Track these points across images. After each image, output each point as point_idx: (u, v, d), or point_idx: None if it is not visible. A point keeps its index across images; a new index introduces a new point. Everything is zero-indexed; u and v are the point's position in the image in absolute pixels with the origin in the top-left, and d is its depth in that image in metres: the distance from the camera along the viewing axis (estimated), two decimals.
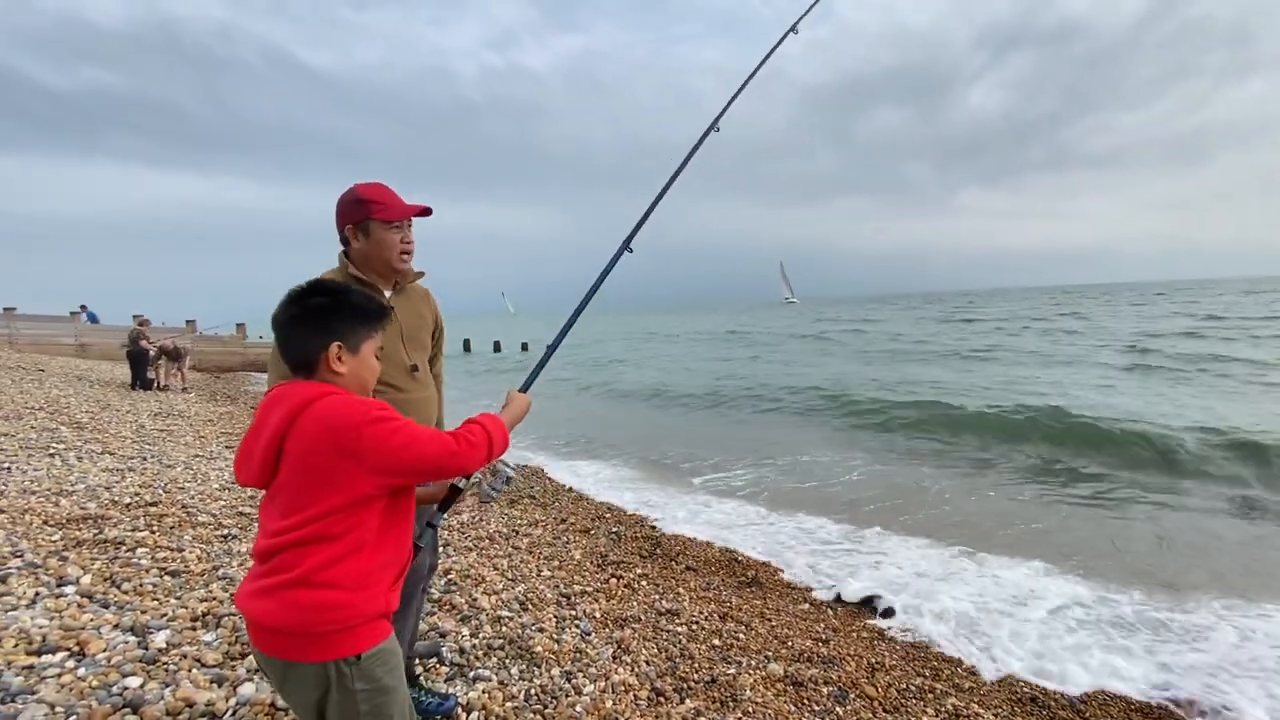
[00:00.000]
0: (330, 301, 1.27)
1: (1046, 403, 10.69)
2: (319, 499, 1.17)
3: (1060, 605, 4.02)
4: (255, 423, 1.24)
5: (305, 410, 1.18)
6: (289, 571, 1.16)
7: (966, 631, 3.71)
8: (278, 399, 1.23)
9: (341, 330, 1.26)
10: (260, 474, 1.22)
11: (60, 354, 19.07)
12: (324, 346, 1.24)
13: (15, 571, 2.87)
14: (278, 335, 1.28)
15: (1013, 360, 18.64)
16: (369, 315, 1.31)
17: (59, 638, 2.33)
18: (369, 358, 1.32)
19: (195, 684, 2.17)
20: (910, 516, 5.88)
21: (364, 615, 1.20)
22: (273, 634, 1.18)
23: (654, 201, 2.28)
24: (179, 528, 3.92)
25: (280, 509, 1.21)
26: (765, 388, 14.76)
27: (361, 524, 1.20)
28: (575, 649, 2.90)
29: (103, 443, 6.61)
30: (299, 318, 1.26)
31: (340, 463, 1.16)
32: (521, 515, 5.65)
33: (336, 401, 1.20)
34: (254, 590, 1.19)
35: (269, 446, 1.19)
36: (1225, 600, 4.06)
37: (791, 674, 2.90)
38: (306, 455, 1.17)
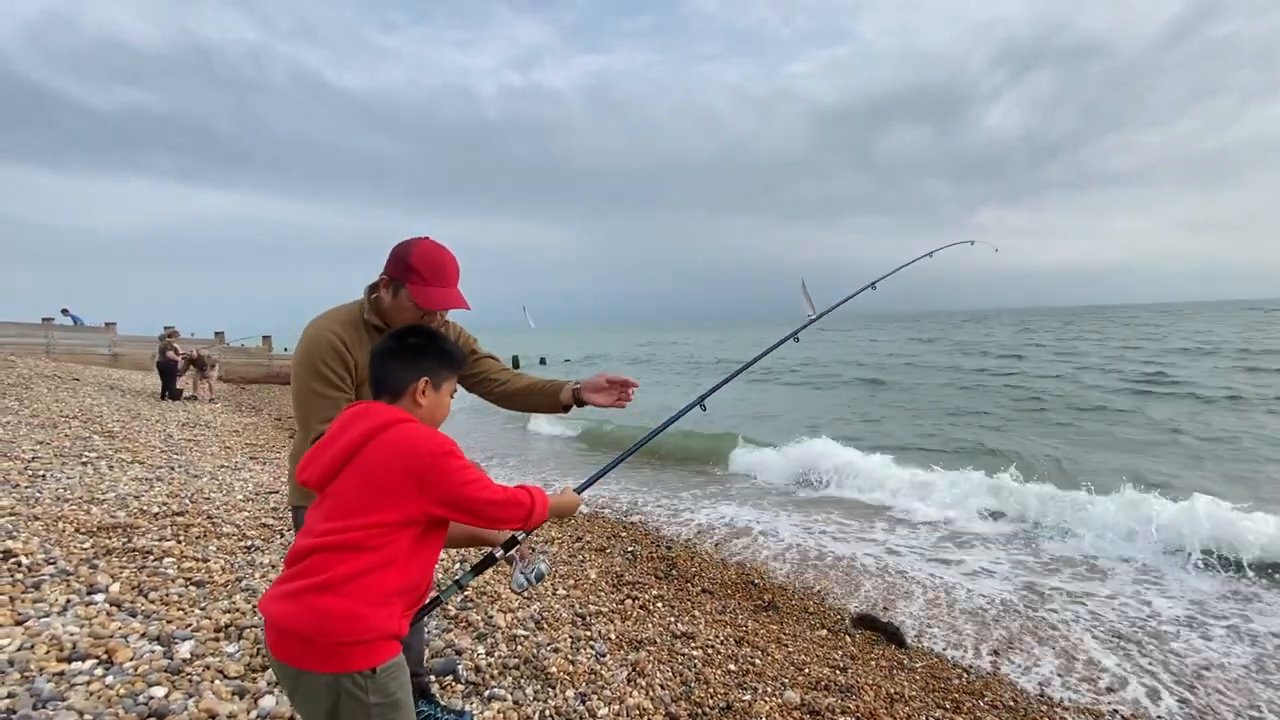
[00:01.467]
0: (425, 343, 1.44)
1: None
2: (374, 510, 1.24)
3: None
4: (334, 430, 1.35)
5: (389, 429, 1.29)
6: (316, 575, 1.21)
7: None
8: (362, 413, 1.33)
9: (430, 368, 1.41)
10: (324, 475, 1.30)
11: (94, 363, 19.62)
12: (415, 379, 1.39)
13: (48, 578, 2.95)
14: (374, 364, 1.42)
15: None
16: (453, 361, 1.48)
17: (89, 645, 2.39)
18: (445, 397, 1.46)
19: (218, 695, 2.21)
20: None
21: (379, 632, 1.23)
22: (289, 637, 1.21)
23: (730, 376, 2.41)
24: (204, 538, 4.00)
25: (328, 512, 1.27)
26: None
27: (395, 543, 1.26)
28: (590, 670, 2.89)
29: (133, 452, 6.77)
30: (397, 351, 1.41)
31: (406, 483, 1.25)
32: (537, 533, 5.66)
33: (419, 429, 1.32)
34: (279, 594, 1.24)
35: (343, 452, 1.28)
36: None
37: (808, 702, 2.86)
38: (378, 468, 1.26)
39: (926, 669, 3.62)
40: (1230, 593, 4.83)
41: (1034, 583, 5.05)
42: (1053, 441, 10.86)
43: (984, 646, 3.99)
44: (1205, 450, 9.85)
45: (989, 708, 3.22)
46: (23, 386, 10.49)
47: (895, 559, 5.59)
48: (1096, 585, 5.01)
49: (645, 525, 6.41)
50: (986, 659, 3.83)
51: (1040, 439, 11.12)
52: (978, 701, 3.26)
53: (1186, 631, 4.22)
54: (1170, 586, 4.97)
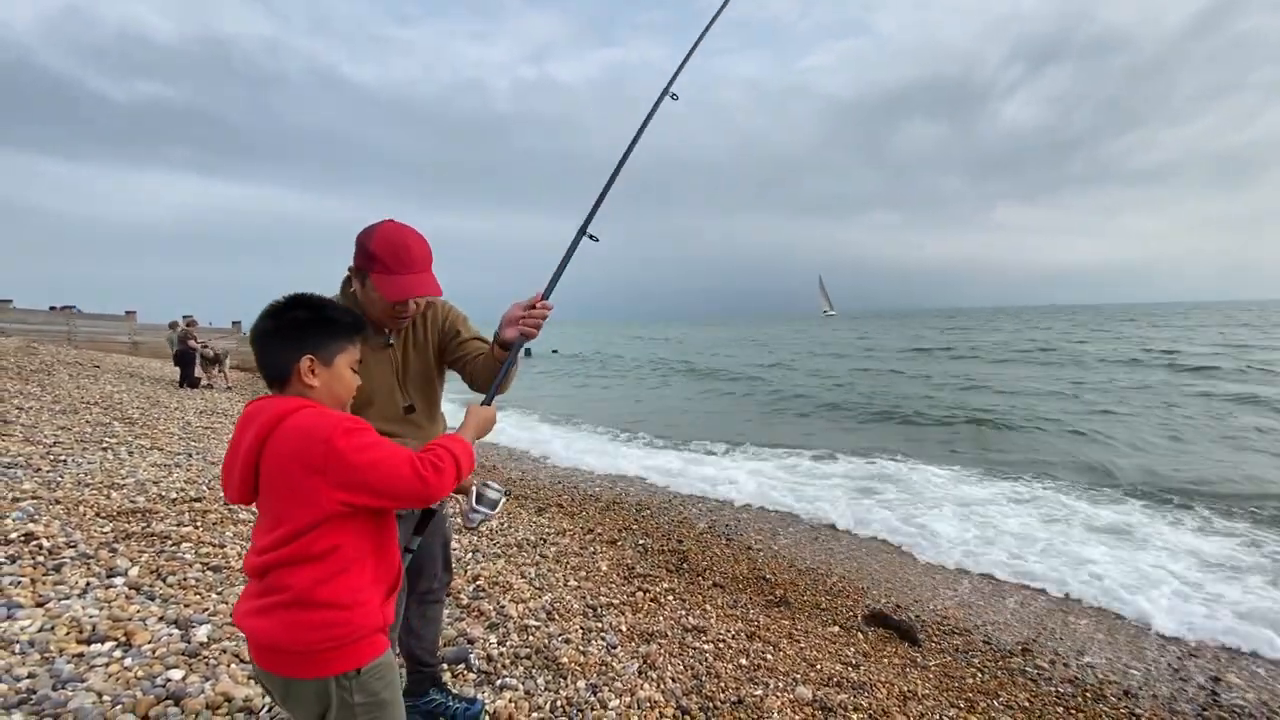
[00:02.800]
0: (306, 315, 1.27)
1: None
2: (292, 516, 1.16)
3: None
4: (232, 440, 1.23)
5: (278, 425, 1.17)
6: (283, 593, 1.17)
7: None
8: (252, 415, 1.22)
9: (315, 343, 1.25)
10: (240, 492, 1.22)
11: (115, 351, 19.93)
12: (297, 359, 1.24)
13: (69, 561, 3.00)
14: (255, 349, 1.28)
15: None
16: (343, 328, 1.30)
17: (108, 628, 2.42)
18: (343, 371, 1.30)
19: (234, 679, 2.23)
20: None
21: (361, 630, 1.21)
22: (272, 652, 1.19)
23: (608, 181, 2.06)
24: (221, 524, 4.04)
25: (262, 526, 1.22)
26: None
27: (342, 544, 1.19)
28: (601, 662, 2.89)
29: (151, 438, 6.87)
30: (273, 331, 1.26)
31: (308, 478, 1.14)
32: (549, 524, 5.68)
33: (309, 414, 1.18)
34: (251, 609, 1.20)
35: (245, 464, 1.19)
36: None
37: (820, 699, 2.84)
38: (279, 471, 1.17)
39: (940, 667, 3.58)
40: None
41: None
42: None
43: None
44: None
45: (1004, 708, 3.18)
46: (45, 373, 10.67)
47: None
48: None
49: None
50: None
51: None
52: (992, 701, 3.23)
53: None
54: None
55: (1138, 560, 5.42)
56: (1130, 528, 6.24)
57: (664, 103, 2.24)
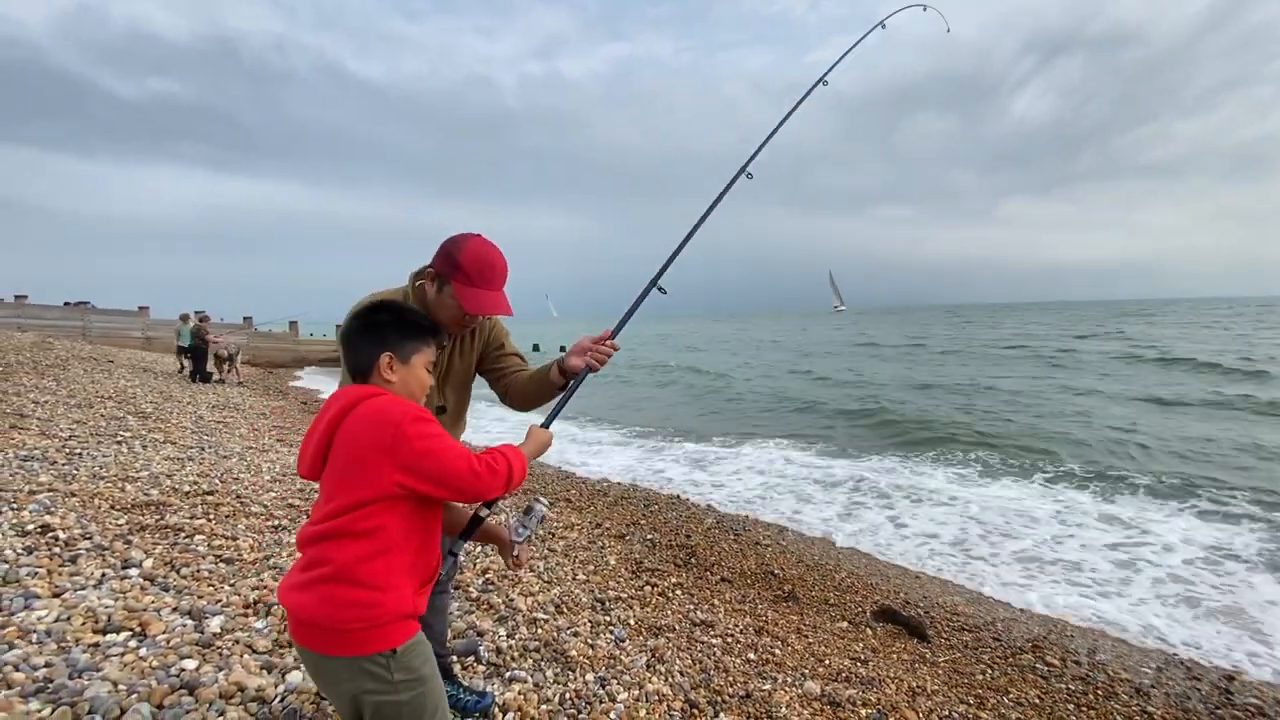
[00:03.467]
0: (387, 317, 1.41)
1: None
2: (351, 489, 1.25)
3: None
4: (315, 420, 1.35)
5: (356, 407, 1.29)
6: (324, 566, 1.23)
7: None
8: (335, 398, 1.34)
9: (394, 342, 1.38)
10: (312, 466, 1.32)
11: (128, 346, 20.15)
12: (377, 355, 1.37)
13: (85, 553, 3.03)
14: (341, 345, 1.43)
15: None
16: (420, 330, 1.44)
17: (123, 618, 2.45)
18: (419, 369, 1.43)
19: (246, 669, 2.25)
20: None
21: (393, 614, 1.25)
22: (308, 627, 1.23)
23: (682, 241, 2.20)
24: (233, 517, 4.08)
25: (322, 498, 1.30)
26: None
27: (386, 525, 1.25)
28: (609, 655, 2.90)
29: (165, 432, 6.95)
30: (359, 330, 1.41)
31: (374, 455, 1.24)
32: (558, 518, 5.69)
33: (384, 400, 1.30)
34: (294, 584, 1.26)
35: (321, 440, 1.30)
36: None
37: (829, 694, 2.84)
38: (348, 446, 1.27)
39: (950, 663, 3.57)
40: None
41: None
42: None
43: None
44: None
45: (1014, 704, 3.17)
46: (60, 367, 10.81)
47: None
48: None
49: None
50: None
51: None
52: (1002, 697, 3.21)
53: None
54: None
55: (1146, 557, 5.38)
56: (1135, 522, 6.19)
57: (741, 178, 2.40)
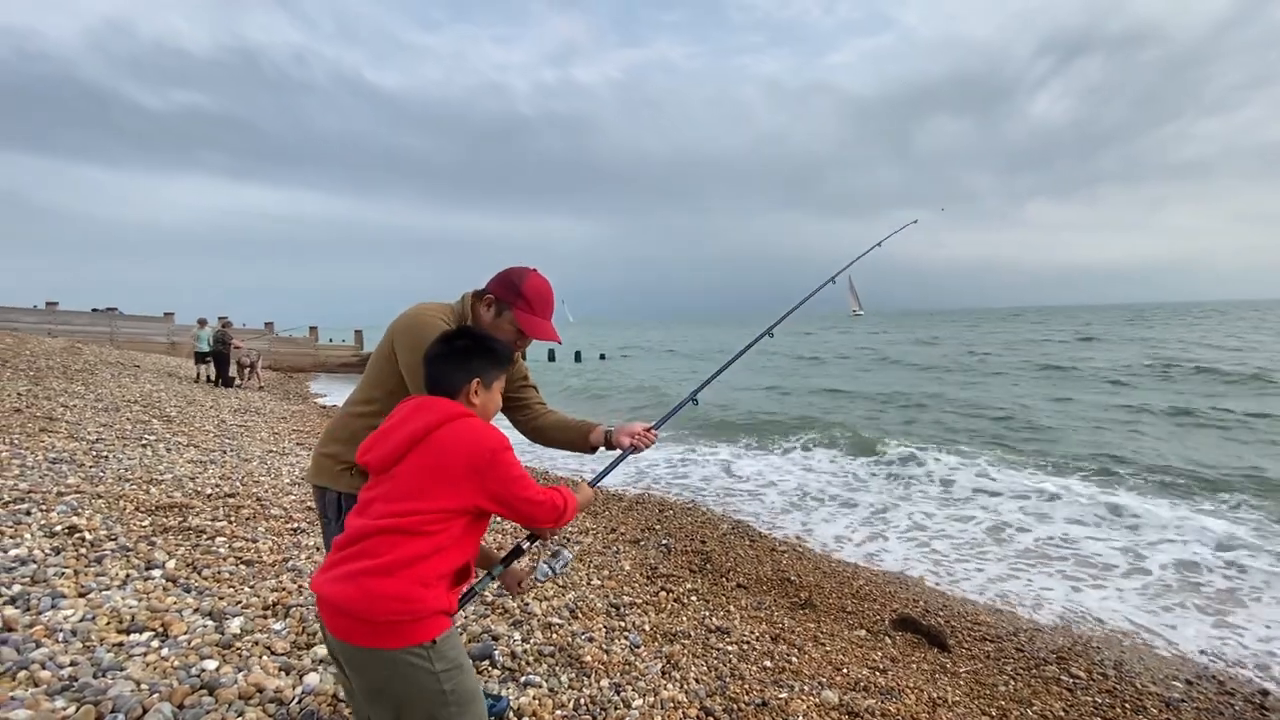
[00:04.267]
0: (474, 345, 1.51)
1: None
2: (435, 497, 1.31)
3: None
4: (398, 419, 1.41)
5: (453, 421, 1.37)
6: (374, 558, 1.26)
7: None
8: (425, 406, 1.41)
9: (480, 368, 1.49)
10: (387, 459, 1.37)
11: (154, 351, 20.58)
12: (468, 380, 1.47)
13: (110, 554, 3.09)
14: (428, 367, 1.50)
15: None
16: (501, 360, 1.55)
17: (146, 618, 2.49)
18: (496, 394, 1.55)
19: (265, 670, 2.27)
20: None
21: (430, 609, 1.29)
22: (346, 617, 1.26)
23: (721, 367, 2.56)
24: (254, 519, 4.14)
25: (388, 494, 1.33)
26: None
27: (448, 530, 1.33)
28: (624, 661, 2.88)
29: (188, 436, 7.07)
30: (448, 355, 1.49)
31: (466, 474, 1.33)
32: (573, 524, 5.69)
33: (478, 424, 1.40)
34: (335, 575, 1.28)
35: (407, 439, 1.35)
36: None
37: (847, 703, 2.79)
38: (442, 458, 1.34)
39: (971, 674, 3.50)
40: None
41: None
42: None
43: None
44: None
45: (1037, 717, 3.10)
46: (89, 372, 11.07)
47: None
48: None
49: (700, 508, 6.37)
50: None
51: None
52: (1025, 710, 3.14)
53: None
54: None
55: (1176, 563, 5.24)
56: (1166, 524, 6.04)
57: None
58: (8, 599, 2.46)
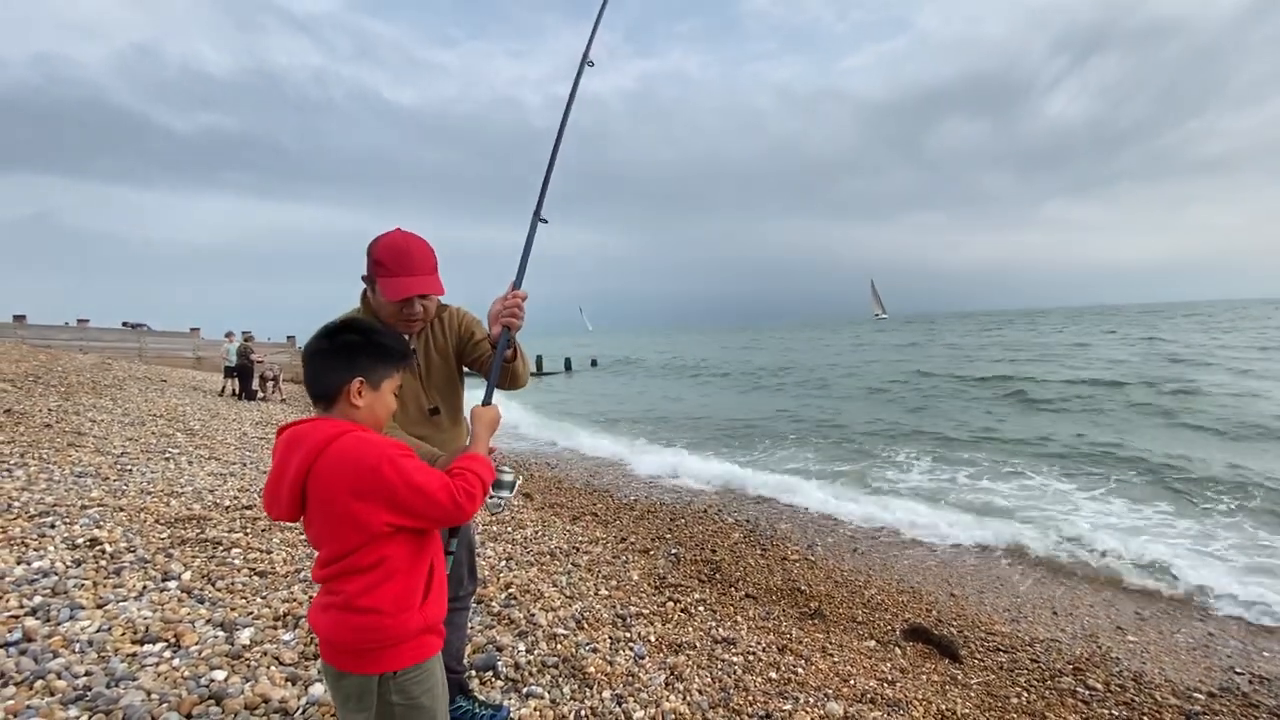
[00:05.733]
0: (358, 339, 1.34)
1: None
2: (342, 537, 1.25)
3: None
4: (276, 463, 1.28)
5: (325, 450, 1.23)
6: (337, 596, 1.28)
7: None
8: (298, 438, 1.26)
9: (365, 366, 1.33)
10: (290, 511, 1.28)
11: (181, 365, 21.08)
12: (348, 380, 1.31)
13: (128, 566, 3.18)
14: (306, 366, 1.34)
15: None
16: (392, 355, 1.39)
17: (159, 629, 2.56)
18: (387, 395, 1.38)
19: (272, 681, 2.32)
20: None
21: (404, 633, 1.29)
22: (330, 646, 1.31)
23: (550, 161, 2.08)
24: (269, 530, 4.22)
25: (319, 542, 1.30)
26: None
27: (389, 556, 1.27)
28: (628, 672, 2.89)
29: (210, 449, 7.23)
30: (327, 352, 1.33)
31: (356, 503, 1.21)
32: (582, 533, 5.71)
33: (354, 440, 1.24)
34: (317, 606, 1.33)
35: (293, 489, 1.24)
36: None
37: (852, 715, 2.77)
38: (327, 498, 1.23)
39: (983, 686, 3.45)
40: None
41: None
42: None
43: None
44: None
45: None
46: (117, 387, 11.37)
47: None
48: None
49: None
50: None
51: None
52: None
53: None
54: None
55: (1198, 573, 5.10)
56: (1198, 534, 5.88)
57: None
58: (29, 610, 2.55)
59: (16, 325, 22.13)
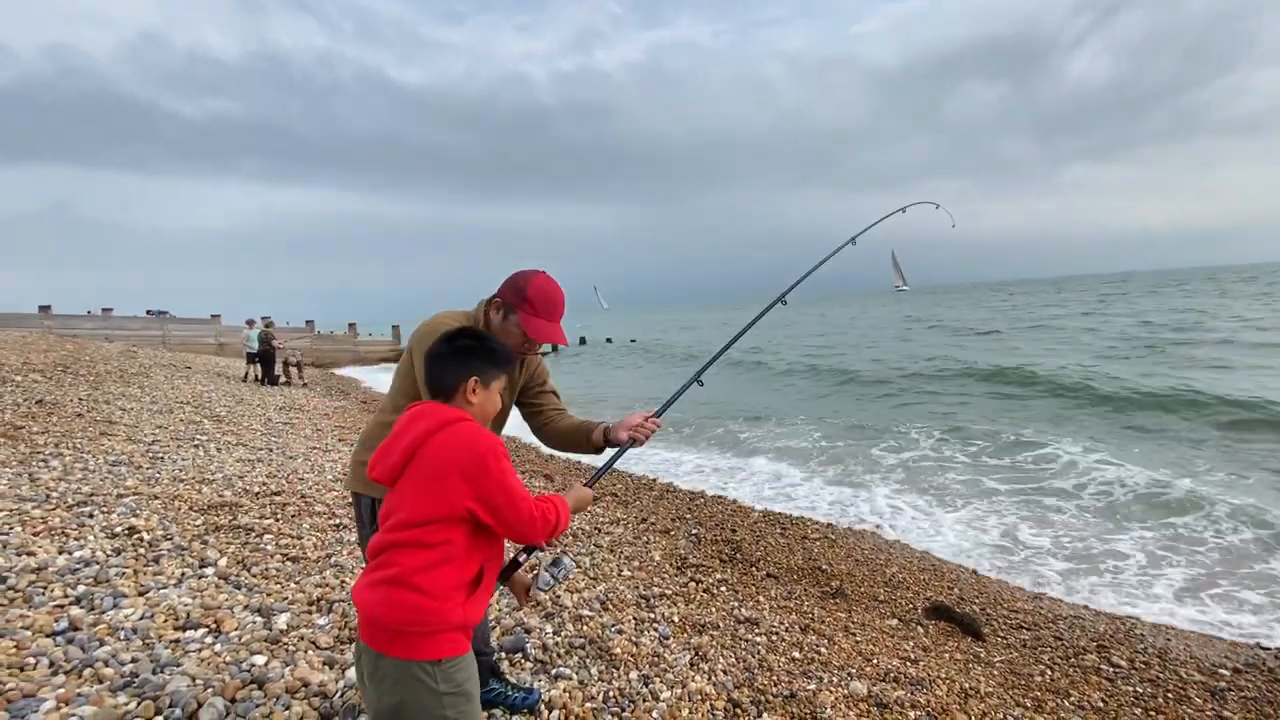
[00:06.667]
0: (474, 344, 1.53)
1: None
2: (427, 505, 1.34)
3: None
4: (398, 429, 1.43)
5: (445, 427, 1.38)
6: (389, 569, 1.33)
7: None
8: (422, 414, 1.42)
9: (478, 367, 1.49)
10: (392, 472, 1.40)
11: (203, 352, 21.45)
12: (465, 378, 1.47)
13: (166, 553, 3.28)
14: (428, 366, 1.52)
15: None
16: (501, 360, 1.56)
17: (200, 615, 2.65)
18: (495, 394, 1.55)
19: (310, 665, 2.40)
20: None
21: (444, 623, 1.32)
22: (373, 626, 1.34)
23: (723, 348, 2.46)
24: (299, 516, 4.32)
25: (395, 508, 1.38)
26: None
27: (453, 540, 1.35)
28: (653, 653, 2.94)
29: (237, 435, 7.39)
30: (447, 354, 1.50)
31: (455, 479, 1.33)
32: (604, 513, 5.78)
33: (471, 427, 1.40)
34: (365, 583, 1.37)
35: (406, 450, 1.38)
36: None
37: (876, 694, 2.80)
38: (432, 464, 1.36)
39: (1006, 664, 3.46)
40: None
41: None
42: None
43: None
44: None
45: (1075, 708, 3.05)
46: (144, 375, 11.61)
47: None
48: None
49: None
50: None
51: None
52: (1062, 700, 3.09)
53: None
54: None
55: (1229, 545, 5.05)
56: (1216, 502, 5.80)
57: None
58: (73, 599, 2.64)
59: (43, 315, 22.61)
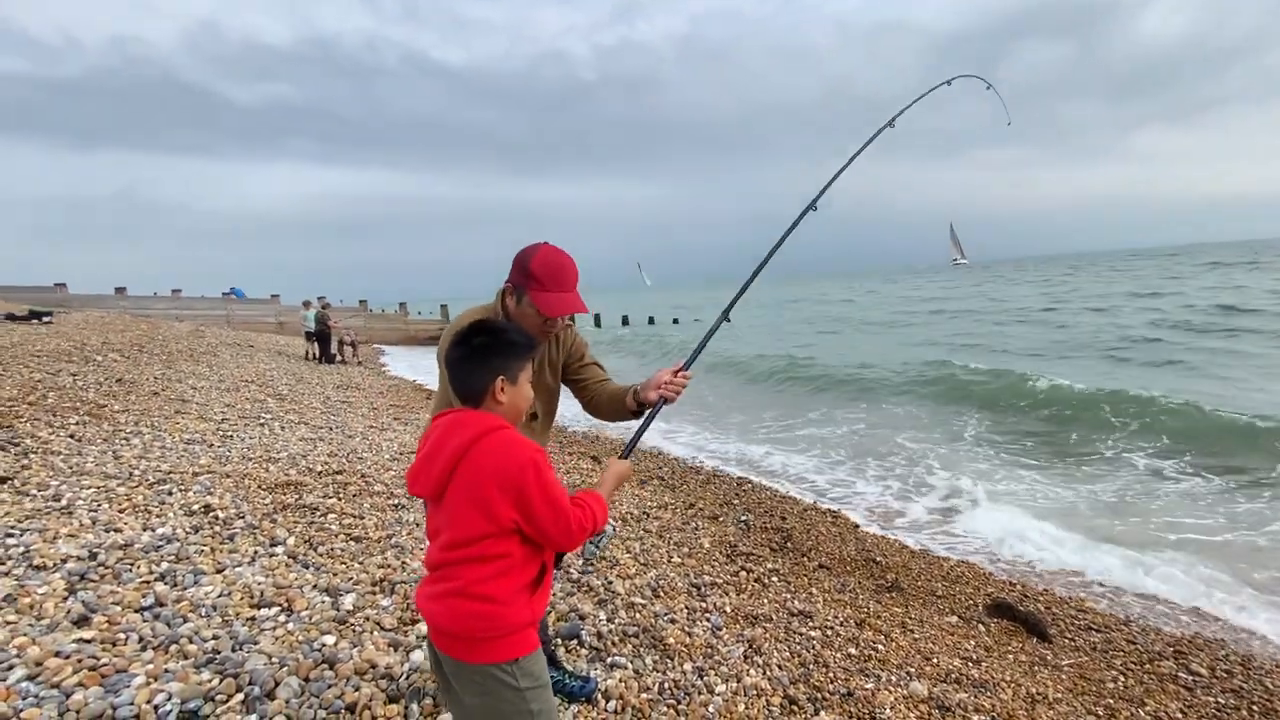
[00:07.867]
0: (491, 340, 1.44)
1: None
2: (476, 522, 1.33)
3: None
4: (434, 443, 1.40)
5: (481, 439, 1.34)
6: (452, 581, 1.34)
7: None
8: (458, 424, 1.39)
9: (501, 364, 1.42)
10: (434, 488, 1.38)
11: (264, 330, 22.41)
12: (491, 380, 1.41)
13: (240, 531, 3.43)
14: (451, 372, 1.46)
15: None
16: (522, 349, 1.48)
17: (273, 594, 2.76)
18: (525, 386, 1.48)
19: (376, 646, 2.47)
20: None
21: (514, 625, 1.35)
22: (445, 636, 1.36)
23: (750, 278, 2.42)
24: (360, 496, 4.47)
25: (445, 525, 1.37)
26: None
27: (511, 551, 1.35)
28: (706, 644, 2.93)
29: (299, 413, 7.69)
30: (467, 358, 1.43)
31: (498, 494, 1.32)
32: (651, 497, 5.78)
33: (510, 438, 1.36)
34: (429, 594, 1.38)
35: (446, 466, 1.35)
36: None
37: (937, 696, 2.72)
38: (475, 479, 1.33)
39: (1075, 668, 3.32)
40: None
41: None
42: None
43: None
44: None
45: (1150, 718, 2.90)
46: (211, 354, 12.20)
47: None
48: None
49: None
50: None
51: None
52: (1137, 710, 2.95)
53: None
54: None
55: None
56: None
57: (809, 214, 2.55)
58: (158, 576, 2.79)
59: (119, 297, 24.00)
